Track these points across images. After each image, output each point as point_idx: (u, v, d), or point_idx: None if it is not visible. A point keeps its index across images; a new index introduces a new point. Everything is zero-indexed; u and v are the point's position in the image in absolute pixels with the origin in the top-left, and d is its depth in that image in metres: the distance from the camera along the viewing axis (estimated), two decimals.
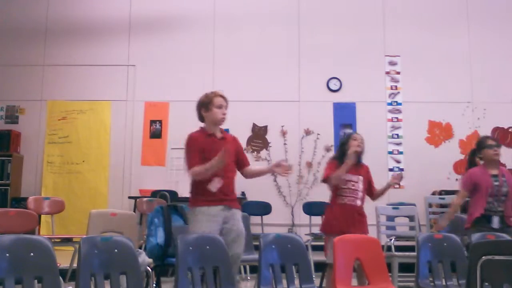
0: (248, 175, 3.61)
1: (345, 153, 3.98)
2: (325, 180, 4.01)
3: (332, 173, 3.94)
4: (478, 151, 4.36)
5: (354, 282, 3.67)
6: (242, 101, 6.70)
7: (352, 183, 3.98)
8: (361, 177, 4.02)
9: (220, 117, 3.45)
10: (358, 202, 4.00)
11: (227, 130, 3.68)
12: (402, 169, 7.05)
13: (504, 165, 4.34)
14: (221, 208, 3.30)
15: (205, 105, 3.45)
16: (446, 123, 7.19)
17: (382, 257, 3.57)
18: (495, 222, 4.07)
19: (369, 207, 4.12)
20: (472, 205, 4.24)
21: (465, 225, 4.29)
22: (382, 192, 4.14)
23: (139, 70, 7.34)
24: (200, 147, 3.40)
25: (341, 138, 4.28)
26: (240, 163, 3.56)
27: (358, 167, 4.06)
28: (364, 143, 4.09)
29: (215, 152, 3.27)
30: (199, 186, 3.35)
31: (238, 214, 3.41)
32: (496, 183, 4.11)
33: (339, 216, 3.93)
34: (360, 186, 4.01)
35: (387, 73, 7.32)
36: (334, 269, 3.26)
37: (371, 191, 4.15)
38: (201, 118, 3.53)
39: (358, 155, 4.05)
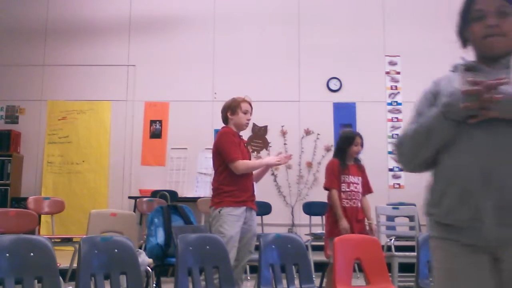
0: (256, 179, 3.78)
1: (346, 155, 4.02)
2: (327, 189, 4.02)
3: (335, 183, 3.95)
4: None
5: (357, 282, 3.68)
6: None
7: (355, 185, 3.99)
8: (360, 178, 4.05)
9: (244, 121, 3.60)
10: (359, 204, 4.02)
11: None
12: (402, 169, 7.04)
13: None
14: (244, 209, 3.44)
15: (232, 108, 3.56)
16: None
17: (382, 257, 3.57)
18: None
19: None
20: None
21: None
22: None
23: (139, 70, 7.34)
24: (238, 142, 3.52)
25: (341, 137, 4.19)
26: None
27: (359, 167, 4.08)
28: (363, 143, 4.10)
29: (246, 153, 3.53)
30: (227, 187, 3.40)
31: (255, 215, 3.57)
32: None
33: (345, 219, 3.90)
34: (360, 187, 4.03)
35: (387, 73, 7.32)
36: (334, 269, 3.26)
37: (366, 191, 4.13)
38: (225, 121, 3.62)
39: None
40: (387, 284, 3.40)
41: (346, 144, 4.06)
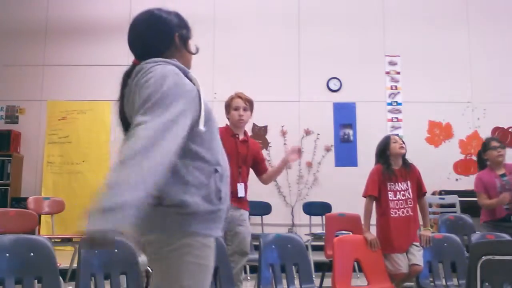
0: (266, 181, 3.60)
1: (389, 159, 3.75)
2: (365, 197, 3.77)
3: (370, 189, 3.71)
4: (483, 153, 4.39)
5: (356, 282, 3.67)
6: None
7: (403, 192, 3.72)
8: (409, 183, 3.76)
9: (236, 118, 3.51)
10: (412, 212, 3.71)
11: None
12: None
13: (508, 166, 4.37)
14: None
15: (226, 108, 3.57)
16: (446, 123, 7.19)
17: (381, 257, 3.57)
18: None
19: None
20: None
21: (484, 218, 4.32)
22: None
23: None
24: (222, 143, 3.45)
25: (378, 144, 3.89)
26: (258, 170, 3.58)
27: (405, 171, 3.78)
28: (404, 142, 3.81)
29: (234, 153, 3.36)
30: None
31: (246, 215, 3.45)
32: (503, 183, 4.16)
33: (395, 231, 3.64)
34: (410, 193, 3.74)
35: (387, 73, 7.31)
36: (334, 270, 3.27)
37: (420, 193, 3.84)
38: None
39: (403, 157, 3.78)
40: (387, 284, 3.40)
41: (383, 145, 3.79)
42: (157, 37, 1.72)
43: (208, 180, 1.59)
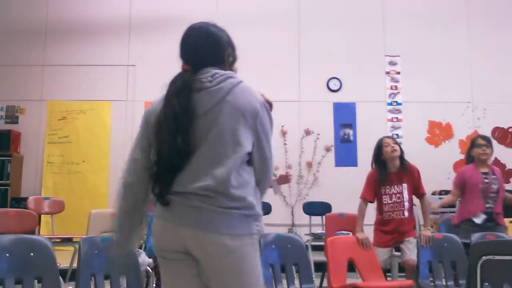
0: None
1: (384, 163, 3.81)
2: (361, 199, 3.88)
3: (364, 193, 3.84)
4: (470, 150, 4.39)
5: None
6: None
7: (398, 195, 3.77)
8: (405, 185, 3.79)
9: None
10: (406, 213, 3.78)
11: None
12: None
13: (493, 167, 4.36)
14: None
15: None
16: (446, 123, 7.19)
17: (375, 256, 3.59)
18: (479, 218, 4.06)
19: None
20: (462, 203, 4.28)
21: (454, 222, 4.32)
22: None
23: (139, 70, 7.34)
24: None
25: (374, 150, 3.94)
26: None
27: (402, 173, 3.81)
28: (397, 142, 3.85)
29: None
30: None
31: None
32: (486, 181, 4.13)
33: (384, 229, 3.79)
34: (405, 195, 3.78)
35: (387, 73, 7.32)
36: (329, 269, 3.28)
37: (418, 195, 3.89)
38: None
39: (400, 158, 3.81)
40: (382, 280, 3.42)
41: (376, 150, 3.86)
42: (212, 52, 1.99)
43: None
